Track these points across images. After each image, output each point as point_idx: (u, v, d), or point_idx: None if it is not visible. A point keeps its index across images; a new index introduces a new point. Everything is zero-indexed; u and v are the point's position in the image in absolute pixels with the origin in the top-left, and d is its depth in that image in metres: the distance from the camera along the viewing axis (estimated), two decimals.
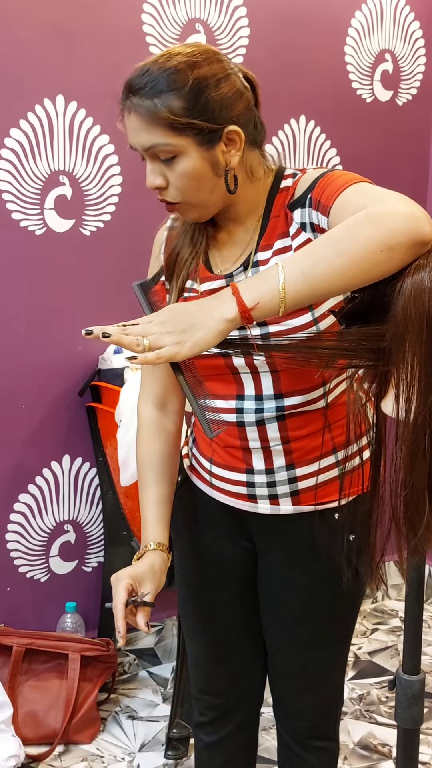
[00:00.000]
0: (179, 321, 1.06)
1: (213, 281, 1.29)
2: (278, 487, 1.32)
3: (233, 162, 1.21)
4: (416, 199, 1.05)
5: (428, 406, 1.03)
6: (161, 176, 1.20)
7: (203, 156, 1.18)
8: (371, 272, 1.02)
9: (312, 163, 2.61)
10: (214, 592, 1.45)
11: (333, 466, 1.32)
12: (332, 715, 1.50)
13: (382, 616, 2.83)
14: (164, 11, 2.29)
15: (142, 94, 1.16)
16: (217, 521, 1.41)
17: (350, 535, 1.31)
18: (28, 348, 2.26)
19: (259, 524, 1.37)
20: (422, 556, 1.15)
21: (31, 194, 2.20)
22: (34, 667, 2.20)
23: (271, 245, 1.25)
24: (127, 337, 1.05)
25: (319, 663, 1.44)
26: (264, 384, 1.27)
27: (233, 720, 1.52)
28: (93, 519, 2.44)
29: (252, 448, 1.31)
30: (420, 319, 1.01)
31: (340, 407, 1.31)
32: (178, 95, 1.15)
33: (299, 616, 1.40)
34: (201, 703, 1.54)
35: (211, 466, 1.38)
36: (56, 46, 2.16)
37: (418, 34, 2.71)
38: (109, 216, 2.30)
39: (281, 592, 1.40)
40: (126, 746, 2.19)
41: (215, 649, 1.50)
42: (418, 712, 1.46)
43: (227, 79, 1.19)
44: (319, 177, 1.20)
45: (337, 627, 1.43)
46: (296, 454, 1.30)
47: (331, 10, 2.53)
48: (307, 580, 1.37)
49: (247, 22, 2.40)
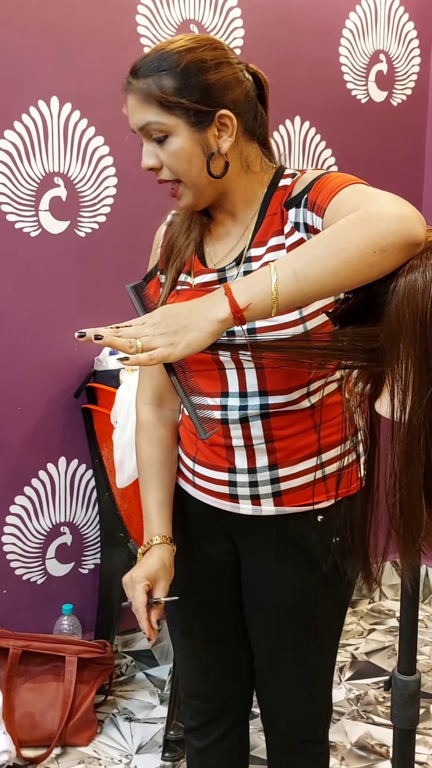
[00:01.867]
0: (172, 322, 1.06)
1: (206, 275, 1.30)
2: (260, 487, 1.31)
3: (224, 147, 1.23)
4: (411, 200, 1.05)
5: (423, 407, 1.03)
6: (155, 157, 1.23)
7: (194, 137, 1.21)
8: (364, 273, 1.02)
9: (307, 164, 2.61)
10: (198, 594, 1.44)
11: (317, 467, 1.31)
12: (321, 720, 1.48)
13: (379, 617, 2.84)
14: (158, 12, 2.28)
15: (139, 74, 1.21)
16: (201, 522, 1.40)
17: (334, 537, 1.31)
18: (23, 350, 2.26)
19: (241, 526, 1.36)
20: (419, 557, 1.15)
21: (26, 196, 2.20)
22: (31, 669, 2.20)
23: (265, 242, 1.25)
24: (119, 339, 1.05)
25: (305, 669, 1.42)
26: (249, 381, 1.27)
27: (223, 724, 1.51)
28: (89, 521, 2.44)
29: (235, 446, 1.30)
30: (414, 319, 1.01)
31: (330, 408, 1.31)
32: (170, 75, 1.20)
33: (283, 621, 1.39)
34: (190, 708, 1.53)
35: (195, 465, 1.37)
36: (51, 48, 2.16)
37: (412, 34, 2.71)
38: (104, 217, 2.30)
39: (264, 596, 1.39)
40: (123, 748, 2.19)
41: (201, 653, 1.49)
42: (414, 712, 1.46)
43: (225, 65, 1.23)
44: (316, 178, 1.21)
45: (322, 632, 1.41)
46: (280, 454, 1.30)
47: (325, 11, 2.53)
48: (291, 584, 1.36)
49: (242, 23, 2.40)
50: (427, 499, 1.07)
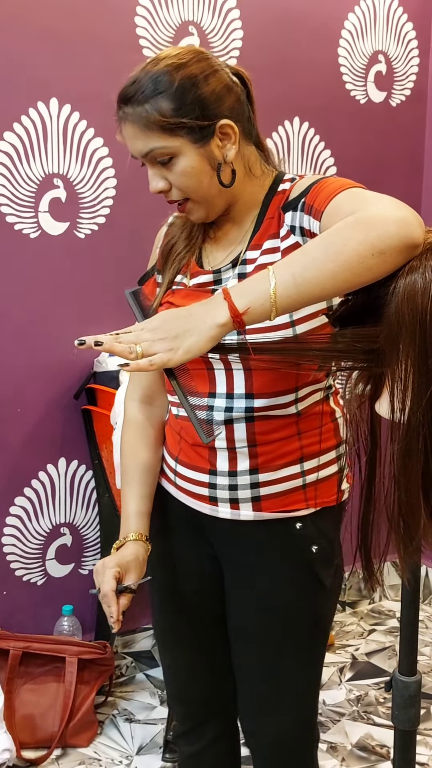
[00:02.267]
0: (171, 327, 1.07)
1: (202, 276, 1.30)
2: (239, 491, 1.29)
3: (230, 155, 1.23)
4: (410, 200, 1.06)
5: (422, 408, 1.03)
6: (163, 179, 1.23)
7: (199, 153, 1.21)
8: (362, 276, 1.02)
9: (306, 165, 2.61)
10: (181, 599, 1.43)
11: (298, 475, 1.30)
12: (305, 744, 1.43)
13: (380, 617, 2.83)
14: (157, 14, 2.29)
15: (133, 101, 1.20)
16: (182, 525, 1.39)
17: (312, 546, 1.30)
18: (23, 351, 2.26)
19: (220, 530, 1.34)
20: (419, 557, 1.16)
21: (26, 197, 2.20)
22: (31, 670, 2.20)
23: (261, 245, 1.26)
24: (119, 345, 1.06)
25: (282, 684, 1.37)
26: (236, 382, 1.26)
27: (211, 729, 1.49)
28: (89, 522, 2.44)
29: (218, 447, 1.29)
30: (413, 320, 1.01)
31: (315, 417, 1.30)
32: (166, 97, 1.18)
33: (260, 631, 1.36)
34: (177, 713, 1.52)
35: (177, 465, 1.37)
36: (50, 49, 2.16)
37: (411, 35, 2.72)
38: (103, 219, 2.30)
39: (243, 603, 1.37)
40: (123, 749, 2.19)
41: (186, 658, 1.47)
42: (415, 713, 1.46)
43: (214, 75, 1.21)
44: (314, 182, 1.21)
45: (301, 645, 1.37)
46: (261, 458, 1.28)
47: (324, 12, 2.53)
48: (268, 593, 1.33)
49: (241, 24, 2.41)
50: (426, 499, 1.07)
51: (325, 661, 2.59)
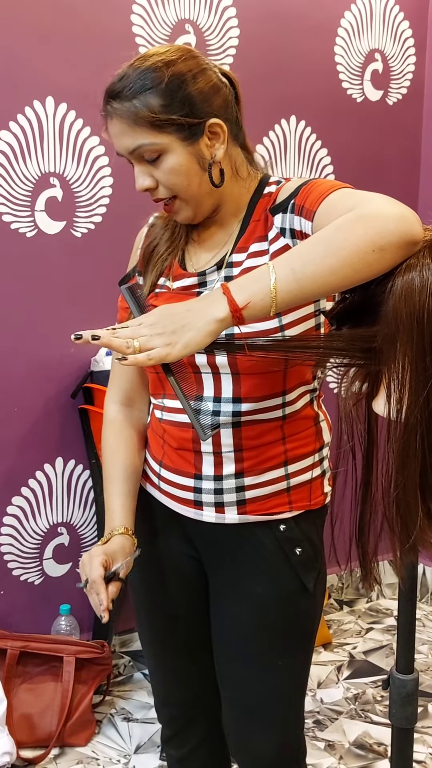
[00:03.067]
0: (169, 322, 1.06)
1: (186, 278, 1.29)
2: (225, 495, 1.29)
3: (218, 155, 1.22)
4: (407, 198, 1.06)
5: (419, 406, 1.03)
6: (149, 177, 1.22)
7: (188, 151, 1.20)
8: (362, 272, 1.02)
9: (303, 164, 2.61)
10: (165, 602, 1.42)
11: (282, 478, 1.29)
12: (289, 759, 1.41)
13: (377, 615, 2.84)
14: (154, 12, 2.28)
15: (122, 97, 1.18)
16: (166, 528, 1.38)
17: (296, 548, 1.30)
18: (20, 351, 2.26)
19: (205, 534, 1.33)
20: (416, 555, 1.16)
21: (22, 196, 2.20)
22: (29, 670, 2.20)
23: (247, 248, 1.25)
24: (117, 340, 1.05)
25: (268, 696, 1.35)
26: (224, 386, 1.25)
27: (198, 731, 1.48)
28: (86, 521, 2.44)
29: (204, 452, 1.28)
30: (411, 318, 1.01)
31: (300, 421, 1.30)
32: (156, 93, 1.17)
33: (242, 635, 1.34)
34: (164, 716, 1.50)
35: (161, 469, 1.35)
36: (46, 48, 2.15)
37: (407, 33, 2.72)
38: (100, 218, 2.30)
39: (226, 607, 1.36)
40: (121, 748, 2.19)
41: (171, 661, 1.46)
42: (412, 711, 1.46)
43: (203, 73, 1.21)
44: (302, 184, 1.21)
45: (285, 652, 1.34)
46: (247, 463, 1.28)
47: (320, 10, 2.53)
48: (252, 596, 1.32)
49: (237, 23, 2.40)
50: (423, 497, 1.07)
51: (323, 659, 2.60)
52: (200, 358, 1.24)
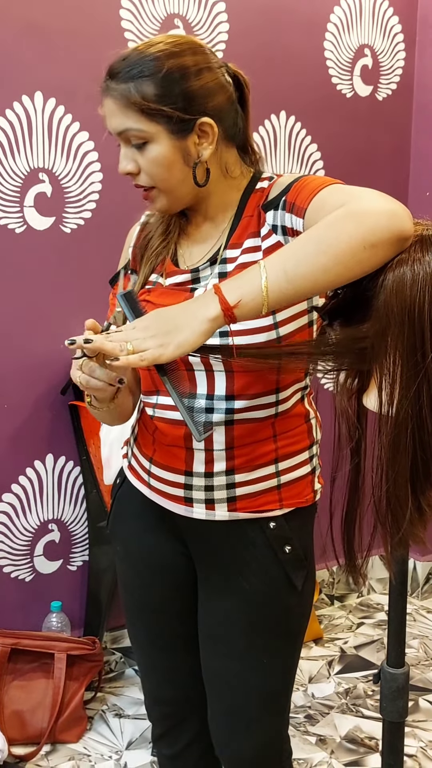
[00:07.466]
0: (162, 324, 1.06)
1: (179, 275, 1.29)
2: (215, 492, 1.28)
3: (205, 155, 1.21)
4: (397, 194, 1.06)
5: (410, 400, 1.03)
6: (133, 162, 1.22)
7: (174, 145, 1.20)
8: (354, 269, 1.02)
9: (293, 159, 2.61)
10: (155, 599, 1.41)
11: (273, 476, 1.29)
12: (275, 759, 1.40)
13: (368, 610, 2.85)
14: (143, 7, 2.28)
15: (119, 78, 1.19)
16: (156, 525, 1.37)
17: (286, 546, 1.30)
18: (9, 347, 2.25)
19: (194, 531, 1.33)
20: (406, 550, 1.16)
21: (11, 192, 2.19)
22: (20, 667, 2.19)
23: (241, 243, 1.25)
24: (110, 343, 1.05)
25: (252, 695, 1.34)
26: (217, 384, 1.24)
27: (189, 729, 1.47)
28: (77, 518, 2.43)
29: (195, 449, 1.28)
30: (402, 313, 1.02)
31: (291, 418, 1.29)
32: (152, 81, 1.17)
33: (230, 632, 1.34)
34: (155, 713, 1.49)
35: (151, 466, 1.34)
36: (34, 42, 2.14)
37: (397, 29, 2.72)
38: (89, 213, 2.29)
39: (214, 602, 1.35)
40: (113, 744, 2.19)
41: (160, 659, 1.45)
42: (403, 705, 1.47)
43: (207, 71, 1.20)
44: (294, 180, 1.21)
45: (271, 651, 1.33)
46: (238, 460, 1.27)
47: (310, 6, 2.53)
48: (240, 594, 1.32)
49: (226, 18, 2.40)
50: (413, 491, 1.08)
51: (314, 654, 2.61)
52: (193, 356, 1.24)
